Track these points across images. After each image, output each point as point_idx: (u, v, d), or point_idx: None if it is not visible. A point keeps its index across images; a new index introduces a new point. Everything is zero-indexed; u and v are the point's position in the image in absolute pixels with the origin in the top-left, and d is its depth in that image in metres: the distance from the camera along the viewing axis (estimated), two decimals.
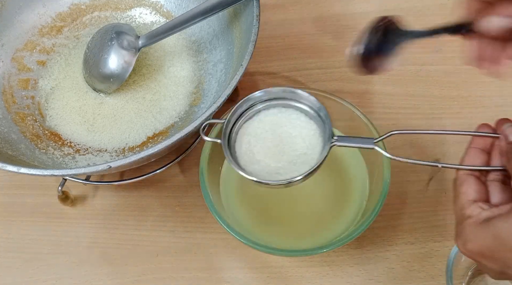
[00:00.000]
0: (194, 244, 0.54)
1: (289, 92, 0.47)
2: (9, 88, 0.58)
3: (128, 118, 0.56)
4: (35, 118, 0.57)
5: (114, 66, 0.55)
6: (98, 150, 0.55)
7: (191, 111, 0.57)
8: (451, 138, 0.58)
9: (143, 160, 0.45)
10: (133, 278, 0.53)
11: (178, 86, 0.58)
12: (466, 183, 0.38)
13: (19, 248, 0.55)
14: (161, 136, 0.56)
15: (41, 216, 0.57)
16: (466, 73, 0.62)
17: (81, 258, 0.54)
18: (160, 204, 0.57)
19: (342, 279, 0.52)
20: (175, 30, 0.54)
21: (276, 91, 0.47)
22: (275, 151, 0.45)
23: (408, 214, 0.54)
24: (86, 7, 0.63)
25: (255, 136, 0.46)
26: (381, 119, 0.59)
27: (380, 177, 0.48)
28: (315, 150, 0.45)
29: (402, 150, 0.57)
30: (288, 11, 0.68)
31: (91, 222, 0.56)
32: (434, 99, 0.60)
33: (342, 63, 0.63)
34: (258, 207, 0.52)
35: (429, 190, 0.56)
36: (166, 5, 0.63)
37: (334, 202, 0.52)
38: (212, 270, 0.53)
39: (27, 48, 0.60)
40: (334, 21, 0.66)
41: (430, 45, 0.64)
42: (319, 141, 0.45)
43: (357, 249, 0.53)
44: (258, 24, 0.49)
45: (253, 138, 0.46)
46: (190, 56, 0.60)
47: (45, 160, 0.54)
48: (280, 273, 0.53)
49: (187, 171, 0.58)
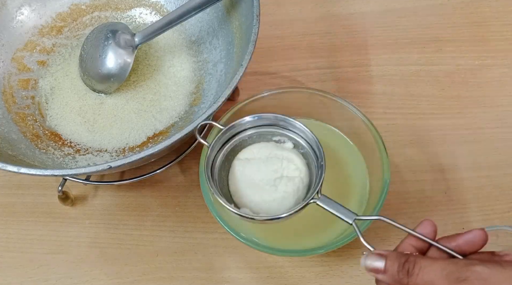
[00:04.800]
0: (194, 244, 0.54)
1: (282, 121, 0.46)
2: (9, 88, 0.58)
3: (128, 119, 0.56)
4: (35, 118, 0.57)
5: (113, 66, 0.55)
6: (98, 150, 0.55)
7: (191, 111, 0.57)
8: (451, 138, 0.58)
9: (143, 160, 0.45)
10: (133, 278, 0.53)
11: (178, 86, 0.58)
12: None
13: (19, 248, 0.55)
14: (161, 136, 0.56)
15: (41, 216, 0.57)
16: (466, 73, 0.62)
17: (81, 258, 0.54)
18: (160, 204, 0.57)
19: (342, 279, 0.52)
20: (171, 25, 0.54)
21: (268, 117, 0.46)
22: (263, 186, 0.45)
23: (408, 214, 0.54)
24: (86, 7, 0.63)
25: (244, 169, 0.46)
26: (381, 119, 0.59)
27: (380, 177, 0.48)
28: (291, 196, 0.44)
29: (402, 150, 0.58)
30: (288, 11, 0.68)
31: (91, 222, 0.56)
32: (434, 99, 0.60)
33: (342, 63, 0.63)
34: None
35: (429, 190, 0.56)
36: (166, 5, 0.63)
37: None
38: (212, 270, 0.53)
39: (27, 48, 0.60)
40: (334, 21, 0.66)
41: (430, 45, 0.64)
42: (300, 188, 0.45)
43: (357, 249, 0.53)
44: (258, 24, 0.49)
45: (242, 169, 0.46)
46: (190, 56, 0.60)
47: (45, 160, 0.54)
48: (280, 273, 0.53)
49: (187, 171, 0.58)
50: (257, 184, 0.45)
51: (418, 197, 0.55)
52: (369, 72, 0.62)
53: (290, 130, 0.46)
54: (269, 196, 0.44)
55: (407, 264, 0.35)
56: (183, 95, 0.58)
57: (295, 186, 0.44)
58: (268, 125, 0.47)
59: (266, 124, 0.47)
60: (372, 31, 0.65)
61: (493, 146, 0.57)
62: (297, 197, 0.44)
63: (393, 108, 0.60)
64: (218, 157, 0.46)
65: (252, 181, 0.45)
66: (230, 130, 0.46)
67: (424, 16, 0.65)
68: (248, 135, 0.47)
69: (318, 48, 0.64)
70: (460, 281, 0.33)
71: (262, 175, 0.45)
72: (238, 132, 0.47)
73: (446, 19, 0.65)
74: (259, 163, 0.46)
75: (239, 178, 0.46)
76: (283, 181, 0.44)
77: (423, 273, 0.34)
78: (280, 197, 0.44)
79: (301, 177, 0.45)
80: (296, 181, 0.44)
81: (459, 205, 0.55)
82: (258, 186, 0.45)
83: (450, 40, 0.64)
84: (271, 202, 0.44)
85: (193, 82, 0.59)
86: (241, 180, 0.45)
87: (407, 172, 0.56)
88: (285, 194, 0.44)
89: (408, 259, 0.36)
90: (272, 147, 0.46)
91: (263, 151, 0.46)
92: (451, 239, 0.37)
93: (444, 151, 0.57)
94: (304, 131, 0.45)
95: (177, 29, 0.60)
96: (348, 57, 0.63)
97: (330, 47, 0.64)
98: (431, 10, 0.66)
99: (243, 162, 0.46)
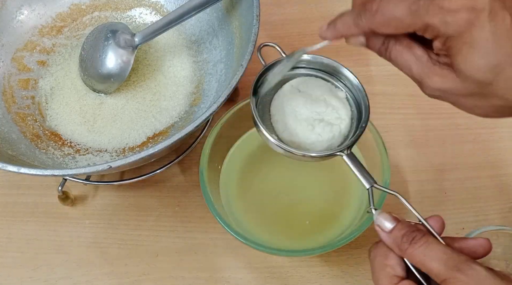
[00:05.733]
0: (194, 244, 0.54)
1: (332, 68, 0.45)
2: (9, 88, 0.58)
3: (128, 119, 0.56)
4: (35, 119, 0.57)
5: (113, 66, 0.55)
6: (98, 150, 0.55)
7: (191, 111, 0.57)
8: (451, 138, 0.58)
9: (143, 160, 0.45)
10: (133, 278, 0.53)
11: (178, 86, 0.58)
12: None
13: (19, 248, 0.55)
14: (161, 136, 0.56)
15: (41, 216, 0.57)
16: None
17: (81, 258, 0.54)
18: (160, 204, 0.57)
19: (342, 279, 0.52)
20: (171, 25, 0.54)
21: (328, 63, 0.45)
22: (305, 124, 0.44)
23: (408, 214, 0.54)
24: (86, 7, 0.63)
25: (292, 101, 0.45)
26: (381, 119, 0.59)
27: (380, 177, 0.48)
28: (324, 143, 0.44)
29: (402, 150, 0.58)
30: (288, 11, 0.68)
31: (91, 222, 0.56)
32: (434, 99, 0.60)
33: (342, 63, 0.63)
34: (258, 207, 0.52)
35: (429, 190, 0.56)
36: (166, 5, 0.63)
37: (334, 201, 0.52)
38: (212, 270, 0.53)
39: (27, 48, 0.60)
40: None
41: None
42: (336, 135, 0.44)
43: (357, 249, 0.53)
44: (258, 24, 0.49)
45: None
46: (190, 56, 0.60)
47: (45, 160, 0.54)
48: (280, 273, 0.53)
49: (187, 171, 0.58)
50: (296, 117, 0.44)
51: (418, 197, 0.55)
52: (369, 72, 0.62)
53: (343, 83, 0.45)
54: (303, 134, 0.44)
55: (416, 233, 0.36)
56: (183, 95, 0.58)
57: (331, 133, 0.43)
58: (325, 71, 0.46)
59: (322, 69, 0.46)
60: None
61: (493, 146, 0.57)
62: (330, 144, 0.44)
63: (393, 108, 0.60)
64: (263, 85, 0.45)
65: (294, 112, 0.44)
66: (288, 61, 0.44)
67: None
68: (300, 73, 0.46)
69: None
70: (457, 270, 0.33)
71: (305, 111, 0.44)
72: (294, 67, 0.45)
73: None
74: (307, 98, 0.45)
75: (284, 104, 0.45)
76: (322, 124, 0.44)
77: (426, 247, 0.34)
78: (314, 138, 0.43)
79: (341, 127, 0.44)
80: (334, 128, 0.44)
81: (459, 205, 0.55)
82: (297, 119, 0.44)
83: None
84: (304, 139, 0.43)
85: (193, 82, 0.59)
86: (285, 107, 0.44)
87: (407, 172, 0.56)
88: (319, 137, 0.43)
89: (418, 231, 0.36)
90: (325, 90, 0.45)
91: (316, 89, 0.45)
92: (455, 241, 0.37)
93: (444, 151, 0.57)
94: (358, 87, 0.44)
95: (177, 29, 0.60)
96: (348, 57, 0.63)
97: (330, 47, 0.64)
98: None
99: (293, 90, 0.45)
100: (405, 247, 0.35)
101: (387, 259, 0.36)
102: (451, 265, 0.33)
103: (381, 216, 0.38)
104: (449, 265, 0.33)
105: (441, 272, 0.33)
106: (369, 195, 0.40)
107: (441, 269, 0.33)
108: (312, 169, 0.53)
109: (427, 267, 0.34)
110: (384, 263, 0.36)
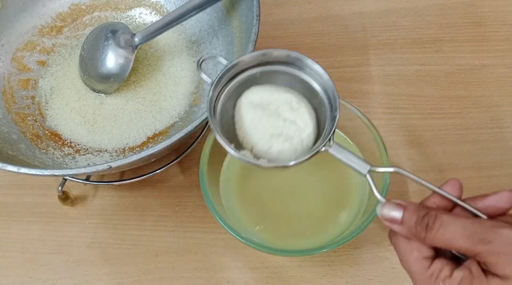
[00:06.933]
0: (194, 244, 0.54)
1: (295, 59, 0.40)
2: (9, 88, 0.58)
3: (128, 119, 0.56)
4: (35, 119, 0.57)
5: (113, 66, 0.55)
6: (98, 150, 0.55)
7: (191, 111, 0.57)
8: (450, 138, 0.58)
9: (143, 160, 0.45)
10: (133, 278, 0.53)
11: (178, 86, 0.58)
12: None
13: (19, 248, 0.55)
14: (161, 136, 0.56)
15: (41, 216, 0.57)
16: (466, 73, 0.62)
17: (81, 258, 0.54)
18: (160, 204, 0.57)
19: (342, 279, 0.52)
20: (171, 25, 0.54)
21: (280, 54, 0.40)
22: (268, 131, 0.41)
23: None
24: (86, 7, 0.63)
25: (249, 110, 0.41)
26: (381, 119, 0.59)
27: (380, 177, 0.48)
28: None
29: (402, 150, 0.58)
30: (288, 11, 0.68)
31: (91, 222, 0.56)
32: (434, 99, 0.60)
33: (342, 63, 0.63)
34: (258, 207, 0.52)
35: (429, 190, 0.55)
36: (166, 5, 0.63)
37: (334, 201, 0.52)
38: (212, 270, 0.53)
39: (27, 48, 0.60)
40: (334, 21, 0.66)
41: (430, 45, 0.64)
42: (310, 136, 0.40)
43: (357, 249, 0.53)
44: (258, 24, 0.49)
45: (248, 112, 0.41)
46: (190, 56, 0.60)
47: (45, 160, 0.54)
48: (280, 273, 0.53)
49: (187, 171, 0.58)
50: (255, 133, 0.41)
51: (418, 197, 0.55)
52: (369, 72, 0.62)
53: (305, 72, 0.41)
54: (266, 150, 0.40)
55: (427, 217, 0.33)
56: (183, 95, 0.58)
57: (292, 146, 0.40)
58: (280, 63, 0.41)
59: (277, 62, 0.41)
60: (372, 31, 0.65)
61: (493, 146, 0.57)
62: (297, 154, 0.40)
63: (393, 108, 0.60)
64: (221, 97, 0.41)
65: (252, 129, 0.41)
66: (235, 67, 0.41)
67: (424, 16, 0.65)
68: (255, 74, 0.42)
69: (318, 48, 0.64)
70: (485, 243, 0.31)
71: (262, 127, 0.41)
72: (244, 69, 0.42)
73: (446, 19, 0.65)
74: (263, 113, 0.41)
75: (242, 119, 0.41)
76: (280, 140, 0.40)
77: (444, 229, 0.32)
78: (276, 155, 0.40)
79: (301, 138, 0.41)
80: (294, 141, 0.40)
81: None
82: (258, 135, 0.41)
83: (449, 40, 0.64)
84: (269, 155, 0.40)
85: (193, 82, 0.59)
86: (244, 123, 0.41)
87: None
88: (281, 154, 0.40)
89: (428, 213, 0.33)
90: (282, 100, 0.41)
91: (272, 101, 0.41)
92: (478, 200, 0.35)
93: (444, 151, 0.57)
94: (321, 74, 0.40)
95: (177, 29, 0.60)
96: (348, 57, 0.63)
97: (330, 47, 0.64)
98: (431, 10, 0.66)
99: (249, 106, 0.42)
100: (423, 235, 0.33)
101: (410, 242, 0.34)
102: (476, 239, 0.31)
103: (385, 208, 0.35)
104: (474, 239, 0.31)
105: (469, 248, 0.32)
106: (369, 182, 0.37)
107: (468, 246, 0.32)
108: (312, 169, 0.53)
109: (454, 248, 0.33)
110: (409, 247, 0.34)
